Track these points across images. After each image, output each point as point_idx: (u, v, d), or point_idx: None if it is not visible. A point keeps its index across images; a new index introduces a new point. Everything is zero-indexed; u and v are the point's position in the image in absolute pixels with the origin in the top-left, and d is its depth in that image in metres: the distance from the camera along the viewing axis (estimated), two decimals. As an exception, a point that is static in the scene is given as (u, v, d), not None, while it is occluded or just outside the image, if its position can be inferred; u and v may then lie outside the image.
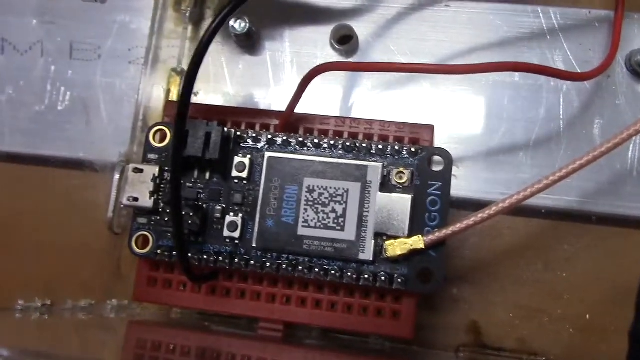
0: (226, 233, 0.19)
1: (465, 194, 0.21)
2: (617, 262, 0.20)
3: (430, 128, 0.20)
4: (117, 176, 0.20)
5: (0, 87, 0.25)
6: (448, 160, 0.19)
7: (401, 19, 0.24)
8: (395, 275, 0.19)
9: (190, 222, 0.19)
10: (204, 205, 0.20)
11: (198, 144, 0.19)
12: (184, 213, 0.19)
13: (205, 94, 0.23)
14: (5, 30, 0.25)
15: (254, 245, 0.19)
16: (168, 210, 0.20)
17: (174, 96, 0.24)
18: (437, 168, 0.19)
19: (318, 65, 0.20)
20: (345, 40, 0.23)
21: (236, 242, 0.19)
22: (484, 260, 0.22)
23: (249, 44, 0.24)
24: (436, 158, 0.19)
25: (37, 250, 0.22)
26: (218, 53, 0.24)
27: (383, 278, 0.19)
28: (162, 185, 0.20)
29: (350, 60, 0.23)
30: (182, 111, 0.18)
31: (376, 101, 0.23)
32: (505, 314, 0.21)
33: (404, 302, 0.19)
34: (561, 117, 0.22)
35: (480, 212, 0.18)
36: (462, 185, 0.21)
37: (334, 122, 0.21)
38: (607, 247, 0.21)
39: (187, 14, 0.24)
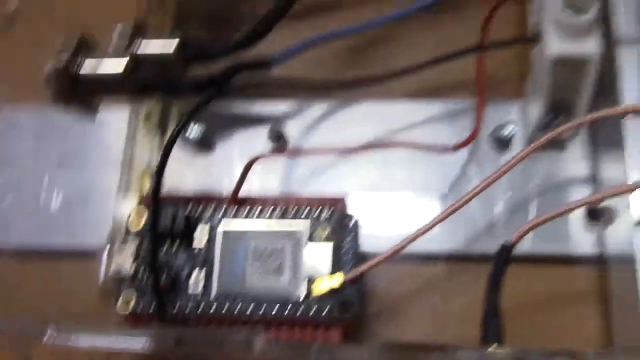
0: (191, 289, 0.25)
1: (375, 249, 0.27)
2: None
3: (343, 199, 0.27)
4: (105, 252, 0.26)
5: (1, 195, 0.31)
6: (355, 221, 0.26)
7: (323, 118, 0.31)
8: (323, 308, 0.25)
9: (164, 282, 0.25)
10: (174, 269, 0.26)
11: (167, 222, 0.25)
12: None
13: (171, 186, 0.30)
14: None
15: (213, 295, 0.25)
16: (147, 275, 0.26)
17: (146, 191, 0.30)
18: (348, 226, 0.26)
19: (253, 157, 0.26)
20: (279, 136, 0.30)
21: (200, 295, 0.25)
22: (394, 298, 0.28)
23: (204, 143, 0.30)
24: (347, 219, 0.26)
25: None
26: (179, 152, 0.30)
27: (314, 311, 0.25)
28: (140, 256, 0.26)
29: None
30: (155, 199, 0.24)
31: (306, 180, 0.30)
32: (413, 338, 0.27)
33: (332, 330, 0.25)
34: (444, 181, 0.29)
35: (380, 256, 0.24)
36: (371, 241, 0.27)
37: (271, 199, 0.27)
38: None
39: (155, 126, 0.31)
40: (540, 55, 0.26)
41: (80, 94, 0.24)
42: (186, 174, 0.30)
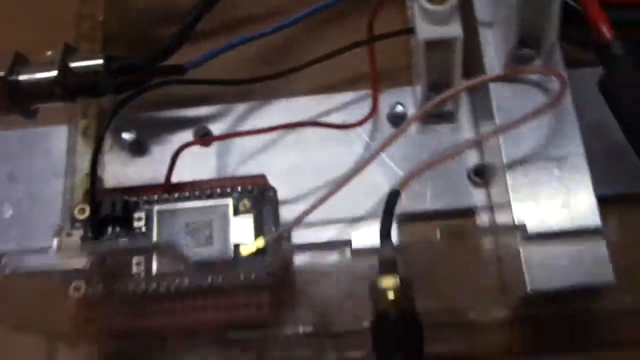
0: (135, 268, 0.29)
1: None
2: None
3: (263, 176, 0.31)
4: (55, 240, 0.29)
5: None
6: (274, 191, 0.30)
7: (244, 117, 0.35)
8: (251, 272, 0.28)
9: (109, 262, 0.28)
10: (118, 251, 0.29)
11: (108, 208, 0.29)
12: (103, 256, 0.28)
13: (112, 185, 0.33)
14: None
15: (155, 271, 0.29)
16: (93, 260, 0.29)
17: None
18: (268, 197, 0.30)
19: (180, 145, 0.30)
20: (205, 134, 0.34)
21: (143, 272, 0.29)
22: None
23: (139, 148, 0.34)
24: (267, 191, 0.30)
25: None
26: (115, 155, 0.34)
27: (242, 275, 0.28)
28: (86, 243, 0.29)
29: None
30: (92, 186, 0.28)
31: (232, 166, 0.34)
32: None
33: (261, 293, 0.29)
34: (351, 157, 0.33)
35: (293, 220, 0.29)
36: (291, 213, 0.31)
37: (200, 183, 0.31)
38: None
39: (92, 138, 0.34)
40: (416, 42, 0.31)
41: (19, 101, 0.28)
42: (125, 174, 0.34)
